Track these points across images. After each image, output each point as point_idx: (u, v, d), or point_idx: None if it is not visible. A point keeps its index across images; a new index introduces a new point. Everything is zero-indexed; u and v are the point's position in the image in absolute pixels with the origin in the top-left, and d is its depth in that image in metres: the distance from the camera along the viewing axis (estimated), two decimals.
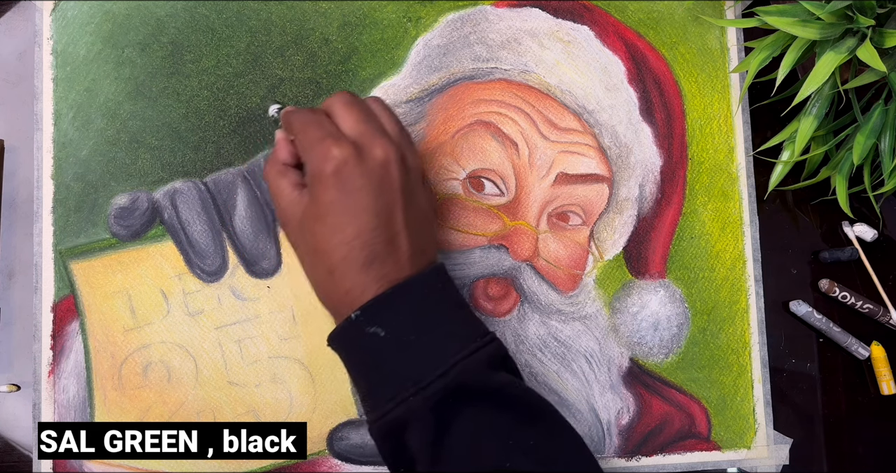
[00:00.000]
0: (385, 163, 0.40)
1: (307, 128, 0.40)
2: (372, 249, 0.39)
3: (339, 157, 0.38)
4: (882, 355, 0.53)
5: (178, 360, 0.47)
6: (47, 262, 0.47)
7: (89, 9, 0.49)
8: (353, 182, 0.39)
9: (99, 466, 0.46)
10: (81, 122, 0.48)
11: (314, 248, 0.40)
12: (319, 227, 0.39)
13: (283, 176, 0.42)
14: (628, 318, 0.51)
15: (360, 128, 0.40)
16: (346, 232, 0.39)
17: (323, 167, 0.39)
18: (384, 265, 0.39)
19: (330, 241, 0.39)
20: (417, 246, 0.41)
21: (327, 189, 0.39)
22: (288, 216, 0.41)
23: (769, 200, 0.54)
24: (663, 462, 0.50)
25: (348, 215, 0.39)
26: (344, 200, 0.39)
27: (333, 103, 0.42)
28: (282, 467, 0.47)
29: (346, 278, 0.39)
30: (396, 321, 0.38)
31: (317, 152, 0.39)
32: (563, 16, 0.51)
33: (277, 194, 0.42)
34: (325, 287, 0.40)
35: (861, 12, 0.41)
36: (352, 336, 0.39)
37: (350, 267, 0.39)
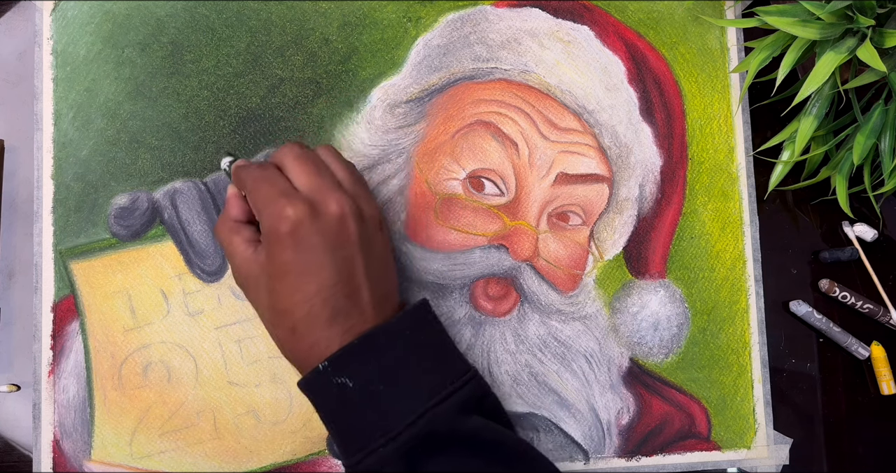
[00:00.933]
0: (341, 218, 0.39)
1: (259, 185, 0.40)
2: (334, 305, 0.38)
3: (294, 217, 0.38)
4: (882, 355, 0.53)
5: (178, 360, 0.47)
6: (47, 262, 0.47)
7: (89, 9, 0.49)
8: (309, 240, 0.38)
9: (99, 466, 0.46)
10: (81, 122, 0.48)
11: (274, 307, 0.39)
12: (279, 286, 0.39)
13: (236, 233, 0.41)
14: (628, 318, 0.51)
15: (312, 183, 0.40)
16: (307, 290, 0.38)
17: (278, 227, 0.38)
18: (348, 318, 0.39)
19: (291, 299, 0.38)
20: (379, 295, 0.40)
21: (284, 249, 0.38)
22: (244, 274, 0.41)
23: (769, 200, 0.54)
24: (663, 462, 0.50)
25: (307, 273, 0.38)
26: (302, 259, 0.38)
27: (284, 157, 0.41)
28: (282, 467, 0.47)
29: (309, 334, 0.39)
30: (364, 371, 0.38)
31: (270, 211, 0.38)
32: (563, 16, 0.51)
33: (231, 253, 0.41)
34: (289, 344, 0.40)
35: (861, 12, 0.41)
36: (320, 385, 0.39)
37: (313, 323, 0.38)
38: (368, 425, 0.38)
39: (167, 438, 0.47)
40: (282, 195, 0.39)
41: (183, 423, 0.47)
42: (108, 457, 0.47)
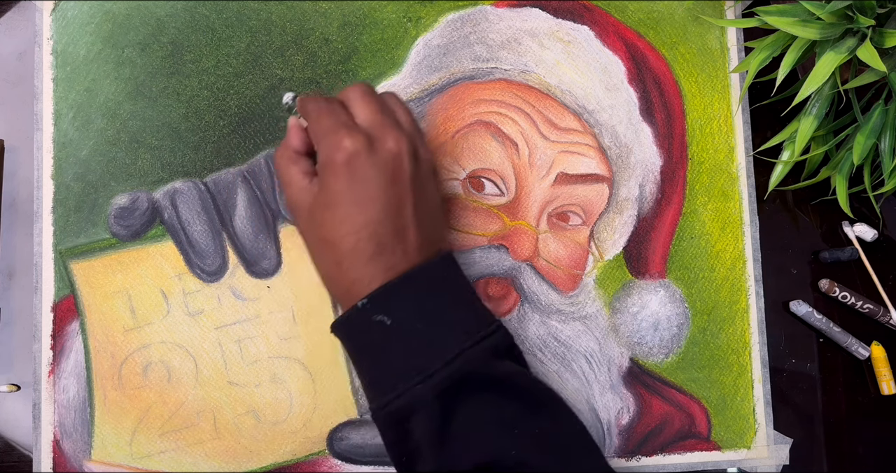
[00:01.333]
0: (397, 156, 0.40)
1: (321, 116, 0.40)
2: (380, 240, 0.39)
3: (351, 148, 0.38)
4: (882, 355, 0.53)
5: (178, 360, 0.47)
6: (47, 262, 0.47)
7: (89, 9, 0.49)
8: (363, 173, 0.39)
9: (99, 466, 0.46)
10: (81, 122, 0.48)
11: (322, 238, 0.40)
12: (328, 217, 0.39)
13: (294, 163, 0.42)
14: (628, 318, 0.51)
15: (374, 120, 0.40)
16: (355, 221, 0.39)
17: (334, 156, 0.39)
18: (392, 256, 0.39)
19: (338, 231, 0.39)
20: (426, 238, 0.41)
21: (337, 178, 0.39)
22: (297, 204, 0.41)
23: (769, 200, 0.54)
24: (663, 462, 0.50)
25: (357, 205, 0.39)
26: (353, 190, 0.39)
27: (349, 93, 0.42)
28: (282, 467, 0.47)
29: (353, 269, 0.39)
30: (403, 309, 0.38)
31: (329, 141, 0.39)
32: (563, 16, 0.51)
33: (287, 181, 0.41)
34: (333, 277, 0.40)
35: (861, 12, 0.41)
36: (358, 323, 0.39)
37: (358, 258, 0.39)
38: (404, 363, 0.38)
39: (167, 438, 0.47)
40: (342, 126, 0.39)
41: (183, 423, 0.47)
42: (108, 457, 0.47)
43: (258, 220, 0.48)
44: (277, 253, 0.48)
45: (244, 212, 0.48)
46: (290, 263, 0.48)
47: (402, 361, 0.38)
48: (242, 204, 0.48)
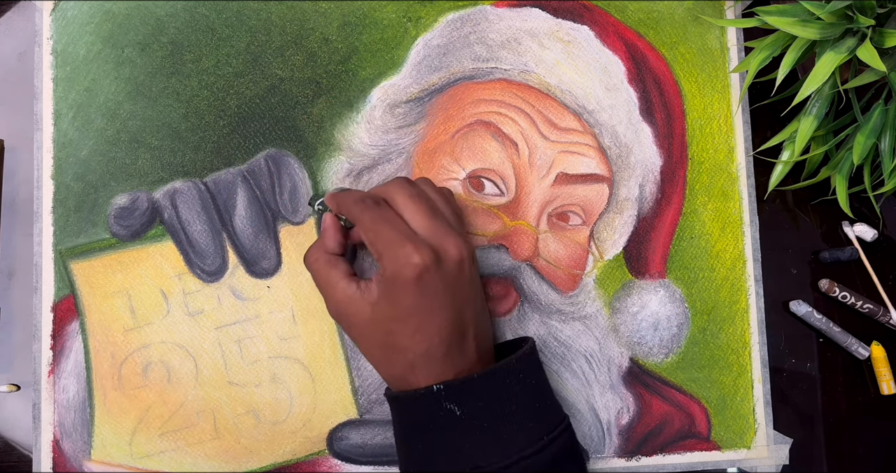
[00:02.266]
0: (460, 263, 0.40)
1: (379, 226, 0.40)
2: (449, 342, 0.40)
3: (421, 264, 0.39)
4: (882, 355, 0.53)
5: (178, 360, 0.47)
6: (47, 262, 0.47)
7: (89, 9, 0.49)
8: (433, 285, 0.39)
9: (99, 466, 0.46)
10: (81, 122, 0.48)
11: (391, 345, 0.40)
12: (399, 327, 0.40)
13: (334, 267, 0.42)
14: (628, 318, 0.51)
15: (431, 227, 0.40)
16: (428, 330, 0.39)
17: (404, 272, 0.39)
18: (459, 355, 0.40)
19: (411, 339, 0.40)
20: (482, 330, 0.42)
21: (408, 293, 0.39)
22: (351, 311, 0.41)
23: (769, 200, 0.54)
24: (663, 462, 0.50)
25: (429, 315, 0.39)
26: (425, 302, 0.39)
27: (395, 194, 0.42)
28: (282, 467, 0.47)
29: (426, 368, 0.40)
30: (475, 404, 0.39)
31: (396, 255, 0.39)
32: (563, 16, 0.51)
33: (331, 286, 0.41)
34: (404, 378, 0.41)
35: (861, 12, 0.41)
36: (426, 405, 0.40)
37: (431, 359, 0.40)
38: (463, 455, 0.39)
39: (167, 438, 0.47)
40: (407, 239, 0.39)
41: (183, 423, 0.47)
42: (107, 457, 0.47)
43: (258, 220, 0.48)
44: (277, 253, 0.48)
45: (244, 212, 0.48)
46: (289, 263, 0.48)
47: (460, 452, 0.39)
48: (242, 204, 0.48)
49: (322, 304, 0.48)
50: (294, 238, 0.48)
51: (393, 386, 0.42)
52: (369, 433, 0.48)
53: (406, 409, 0.41)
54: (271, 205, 0.48)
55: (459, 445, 0.39)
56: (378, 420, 0.48)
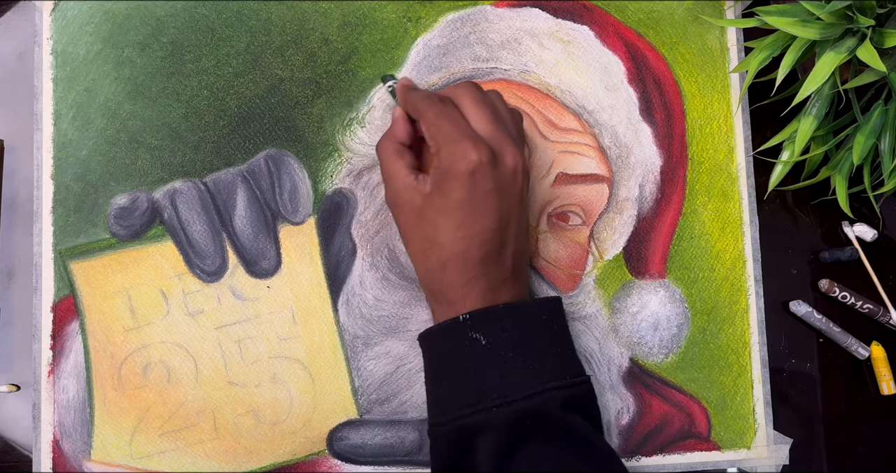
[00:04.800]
0: (514, 171, 0.41)
1: (441, 121, 0.41)
2: (488, 249, 0.41)
3: (476, 160, 0.40)
4: (882, 355, 0.53)
5: (178, 360, 0.47)
6: (47, 262, 0.47)
7: (89, 9, 0.49)
8: (484, 184, 0.40)
9: (99, 466, 0.46)
10: (81, 122, 0.48)
11: (432, 238, 0.41)
12: (443, 220, 0.40)
13: (401, 156, 0.43)
14: (628, 318, 0.51)
15: (492, 131, 0.41)
16: (470, 229, 0.40)
17: (458, 166, 0.40)
18: (495, 265, 0.41)
19: (452, 234, 0.40)
20: (521, 250, 0.43)
21: (459, 187, 0.40)
22: (403, 200, 0.42)
23: (769, 200, 0.54)
24: (663, 462, 0.50)
25: (475, 214, 0.40)
26: (473, 200, 0.40)
27: (462, 96, 0.42)
28: (281, 467, 0.47)
29: (457, 272, 0.41)
30: (501, 335, 0.40)
31: (454, 150, 0.40)
32: (563, 16, 0.51)
33: (392, 174, 0.43)
34: (434, 275, 0.42)
35: (861, 12, 0.41)
36: (453, 335, 0.41)
37: (466, 262, 0.40)
38: (487, 384, 0.39)
39: (167, 438, 0.47)
40: (467, 136, 0.40)
41: (183, 423, 0.47)
42: (107, 457, 0.47)
43: (258, 220, 0.48)
44: (277, 253, 0.48)
45: (244, 212, 0.48)
46: (289, 263, 0.48)
47: (485, 382, 0.40)
48: (242, 204, 0.48)
49: (322, 304, 0.48)
50: (294, 238, 0.48)
51: (425, 284, 0.43)
52: (369, 433, 0.48)
53: (435, 343, 0.42)
54: (271, 205, 0.48)
55: (485, 376, 0.40)
56: (378, 421, 0.48)
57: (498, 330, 0.40)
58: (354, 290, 0.49)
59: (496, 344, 0.40)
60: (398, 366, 0.48)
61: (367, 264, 0.49)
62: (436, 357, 0.42)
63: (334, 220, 0.49)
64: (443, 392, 0.42)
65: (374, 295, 0.49)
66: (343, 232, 0.49)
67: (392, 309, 0.49)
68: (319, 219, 0.49)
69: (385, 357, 0.48)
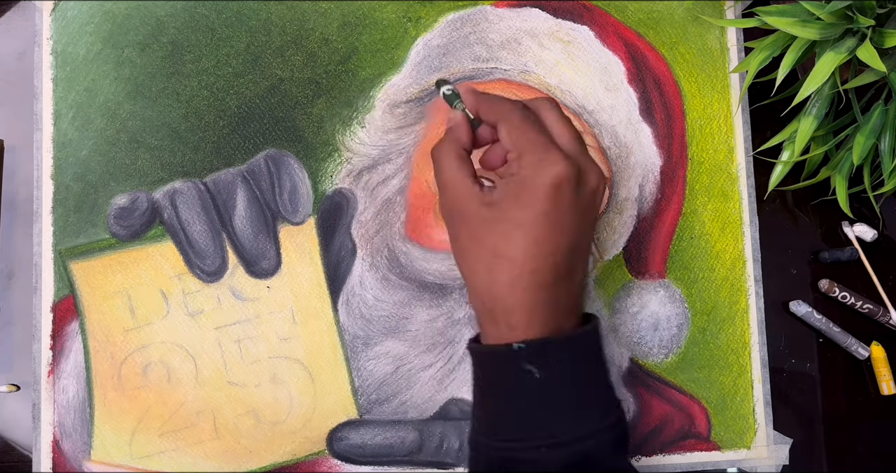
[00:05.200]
0: (595, 192, 0.39)
1: (529, 126, 0.39)
2: (559, 271, 0.38)
3: (565, 173, 0.37)
4: (882, 355, 0.53)
5: (178, 360, 0.47)
6: (47, 262, 0.47)
7: (89, 9, 0.49)
8: (567, 200, 0.37)
9: (99, 466, 0.46)
10: (81, 122, 0.48)
11: (502, 253, 0.37)
12: (518, 234, 0.37)
13: (465, 163, 0.40)
14: (628, 318, 0.51)
15: (578, 149, 0.39)
16: (546, 247, 0.37)
17: (543, 175, 0.37)
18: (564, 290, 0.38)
19: (526, 251, 0.37)
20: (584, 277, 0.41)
21: (541, 199, 0.37)
22: (466, 208, 0.39)
23: (769, 200, 0.54)
24: (663, 462, 0.50)
25: (553, 230, 0.37)
26: (554, 216, 0.37)
27: (546, 111, 0.40)
28: (281, 467, 0.47)
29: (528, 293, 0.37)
30: (556, 368, 0.37)
31: (541, 157, 0.37)
32: (563, 16, 0.51)
33: (454, 182, 0.39)
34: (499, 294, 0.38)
35: (861, 12, 0.41)
36: (504, 363, 0.38)
37: (536, 281, 0.37)
38: (537, 420, 0.37)
39: (167, 438, 0.47)
40: (554, 147, 0.38)
41: (183, 423, 0.47)
42: (107, 457, 0.47)
43: (258, 220, 0.48)
44: (277, 254, 0.48)
45: (244, 212, 0.48)
46: (289, 263, 0.48)
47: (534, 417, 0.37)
48: (242, 204, 0.48)
49: (322, 304, 0.48)
50: (294, 238, 0.48)
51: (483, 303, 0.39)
52: (369, 433, 0.48)
53: (485, 364, 0.39)
54: (271, 205, 0.48)
55: (535, 410, 0.37)
56: (378, 421, 0.48)
57: (554, 364, 0.37)
58: (354, 290, 0.49)
59: (550, 378, 0.37)
60: (398, 366, 0.48)
61: (367, 264, 0.49)
62: (483, 376, 0.40)
63: (334, 220, 0.49)
64: (488, 413, 0.39)
65: (374, 295, 0.49)
66: (343, 232, 0.49)
67: (392, 309, 0.49)
68: (319, 219, 0.49)
69: (385, 357, 0.48)
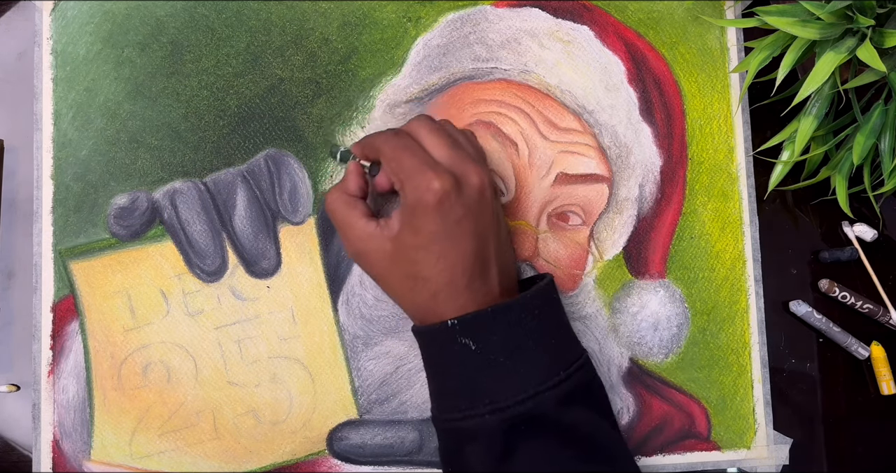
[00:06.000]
0: (481, 190, 0.41)
1: (401, 154, 0.41)
2: (472, 272, 0.40)
3: (441, 189, 0.39)
4: (882, 355, 0.53)
5: (178, 360, 0.47)
6: (47, 262, 0.47)
7: (89, 9, 0.49)
8: (454, 211, 0.40)
9: (99, 466, 0.46)
10: (81, 122, 0.48)
11: (414, 275, 0.41)
12: (423, 256, 0.40)
13: (354, 207, 0.43)
14: (628, 318, 0.51)
15: (452, 156, 0.41)
16: (451, 258, 0.40)
17: (424, 198, 0.39)
18: (482, 285, 0.41)
19: (434, 268, 0.40)
20: (504, 264, 0.43)
21: (430, 220, 0.40)
22: (370, 248, 0.42)
23: (769, 200, 0.54)
24: (663, 462, 0.50)
25: (452, 242, 0.40)
26: (446, 229, 0.40)
27: (418, 128, 0.42)
28: (281, 467, 0.47)
29: (449, 299, 0.40)
30: (489, 339, 0.39)
31: (417, 183, 0.40)
32: (563, 16, 0.51)
33: (349, 226, 0.42)
34: (425, 307, 0.41)
35: (861, 12, 0.41)
36: (442, 340, 0.40)
37: (454, 289, 0.40)
38: (478, 389, 0.39)
39: (167, 438, 0.47)
40: (427, 167, 0.40)
41: (182, 423, 0.47)
42: (107, 457, 0.47)
43: (258, 220, 0.48)
44: (277, 253, 0.48)
45: (244, 212, 0.48)
46: (289, 263, 0.48)
47: (475, 387, 0.39)
48: (242, 204, 0.48)
49: (322, 304, 0.48)
50: (294, 238, 0.48)
51: (415, 315, 0.43)
52: (369, 433, 0.48)
53: (427, 344, 0.42)
54: (271, 205, 0.48)
55: (476, 380, 0.39)
56: (378, 421, 0.48)
57: (487, 335, 0.39)
58: (354, 290, 0.49)
59: (486, 348, 0.39)
60: (398, 366, 0.48)
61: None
62: (427, 355, 0.43)
63: None
64: (437, 388, 0.42)
65: (374, 295, 0.49)
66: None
67: (392, 309, 0.49)
68: (319, 218, 0.49)
69: (385, 357, 0.48)
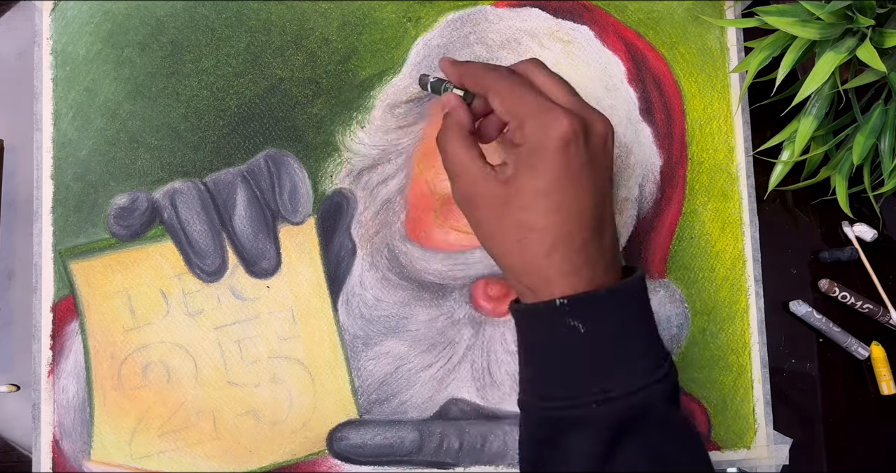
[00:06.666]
0: (605, 139, 0.38)
1: (523, 92, 0.37)
2: (590, 231, 0.37)
3: (570, 130, 0.36)
4: (882, 355, 0.53)
5: (178, 360, 0.47)
6: (47, 262, 0.47)
7: (89, 9, 0.49)
8: (579, 157, 0.36)
9: (99, 466, 0.46)
10: (81, 122, 0.48)
11: (530, 225, 0.37)
12: (541, 203, 0.36)
13: (471, 147, 0.39)
14: None
15: (576, 101, 0.38)
16: (571, 209, 0.36)
17: (550, 138, 0.36)
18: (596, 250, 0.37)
19: (552, 218, 0.36)
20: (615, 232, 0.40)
21: (553, 163, 0.36)
22: (482, 191, 0.38)
23: (769, 200, 0.54)
24: None
25: (573, 191, 0.36)
26: (570, 176, 0.36)
27: (534, 71, 0.39)
28: (281, 467, 0.47)
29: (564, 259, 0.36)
30: (601, 323, 0.36)
31: (542, 121, 0.36)
32: (562, 16, 0.51)
33: (464, 166, 0.39)
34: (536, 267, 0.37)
35: (861, 12, 0.41)
36: (549, 320, 0.37)
37: (570, 246, 0.36)
38: (587, 376, 0.36)
39: (167, 438, 0.47)
40: (555, 105, 0.37)
41: (182, 423, 0.47)
42: (107, 457, 0.47)
43: (258, 220, 0.48)
44: (277, 253, 0.48)
45: (244, 212, 0.48)
46: (289, 263, 0.48)
47: (584, 373, 0.36)
48: (242, 204, 0.48)
49: (322, 304, 0.48)
50: (294, 238, 0.48)
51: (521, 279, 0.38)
52: (369, 433, 0.48)
53: (529, 325, 0.38)
54: (271, 205, 0.48)
55: (583, 368, 0.36)
56: (378, 421, 0.48)
57: (599, 318, 0.36)
58: (354, 290, 0.49)
59: (597, 332, 0.36)
60: (398, 366, 0.48)
61: (367, 264, 0.49)
62: (527, 336, 0.39)
63: (334, 220, 0.49)
64: (535, 374, 0.38)
65: (374, 295, 0.49)
66: (343, 232, 0.49)
67: (392, 309, 0.49)
68: (319, 219, 0.49)
69: (385, 357, 0.48)
